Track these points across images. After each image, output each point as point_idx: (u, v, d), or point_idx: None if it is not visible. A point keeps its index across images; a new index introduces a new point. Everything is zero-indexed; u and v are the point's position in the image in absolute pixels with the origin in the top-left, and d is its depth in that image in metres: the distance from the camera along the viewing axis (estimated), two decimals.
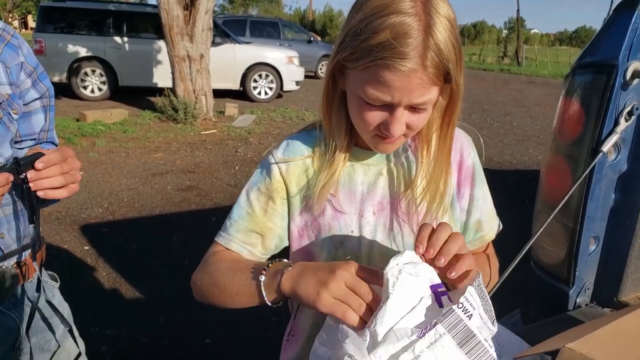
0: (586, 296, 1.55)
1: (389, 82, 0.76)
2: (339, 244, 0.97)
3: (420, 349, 0.67)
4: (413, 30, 0.74)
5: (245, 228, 0.99)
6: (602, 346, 0.70)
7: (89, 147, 6.76)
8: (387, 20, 0.74)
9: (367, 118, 0.84)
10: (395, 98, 0.79)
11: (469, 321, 0.68)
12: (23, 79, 1.18)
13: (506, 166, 6.73)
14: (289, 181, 0.97)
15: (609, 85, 1.36)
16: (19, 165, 0.99)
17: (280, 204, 0.98)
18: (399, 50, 0.73)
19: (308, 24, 44.66)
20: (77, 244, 3.97)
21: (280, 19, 17.84)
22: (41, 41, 10.10)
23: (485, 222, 1.05)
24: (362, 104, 0.83)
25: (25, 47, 1.20)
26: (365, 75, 0.79)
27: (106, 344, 2.70)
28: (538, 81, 18.96)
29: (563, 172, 1.52)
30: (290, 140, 1.00)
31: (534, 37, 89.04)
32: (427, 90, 0.78)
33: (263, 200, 0.98)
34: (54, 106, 1.32)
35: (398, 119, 0.82)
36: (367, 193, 0.97)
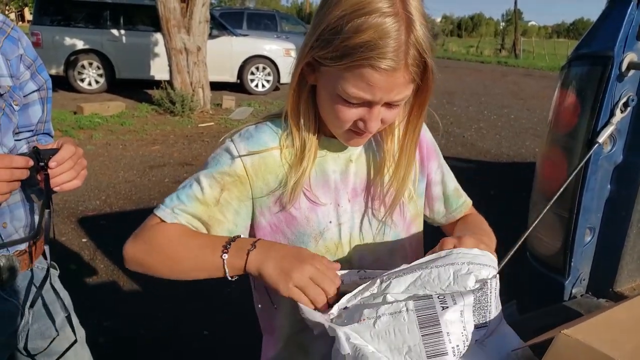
0: (582, 287, 1.56)
1: (373, 81, 0.77)
2: (318, 236, 0.96)
3: (383, 311, 0.72)
4: (395, 30, 0.75)
5: (191, 212, 0.91)
6: (597, 333, 0.71)
7: (86, 140, 6.75)
8: (368, 20, 0.74)
9: (344, 115, 0.84)
10: (377, 97, 0.80)
11: (440, 311, 0.71)
12: (22, 71, 1.20)
13: (503, 158, 6.74)
14: (255, 176, 0.93)
15: (605, 77, 1.37)
16: (38, 154, 1.01)
17: (236, 199, 0.93)
18: (383, 51, 0.74)
19: (305, 16, 44.50)
20: (75, 236, 3.97)
21: (278, 12, 17.76)
22: (38, 34, 10.04)
23: (460, 189, 1.10)
24: (339, 101, 0.83)
25: (24, 40, 1.21)
26: (347, 74, 0.79)
27: (104, 336, 2.71)
28: (535, 74, 18.95)
29: (559, 163, 1.53)
30: (253, 130, 0.95)
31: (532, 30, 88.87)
32: (405, 88, 0.81)
33: (217, 189, 0.92)
34: (52, 98, 1.33)
35: (376, 116, 0.84)
36: (340, 181, 0.98)
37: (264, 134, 0.95)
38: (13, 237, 1.16)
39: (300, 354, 1.05)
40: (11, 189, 0.98)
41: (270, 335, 1.11)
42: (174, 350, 2.68)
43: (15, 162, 0.96)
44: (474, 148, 7.14)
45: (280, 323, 1.06)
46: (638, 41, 1.37)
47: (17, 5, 29.53)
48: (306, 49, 0.84)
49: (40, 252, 1.27)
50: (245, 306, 3.00)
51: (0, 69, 1.12)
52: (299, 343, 1.04)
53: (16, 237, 1.17)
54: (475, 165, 6.19)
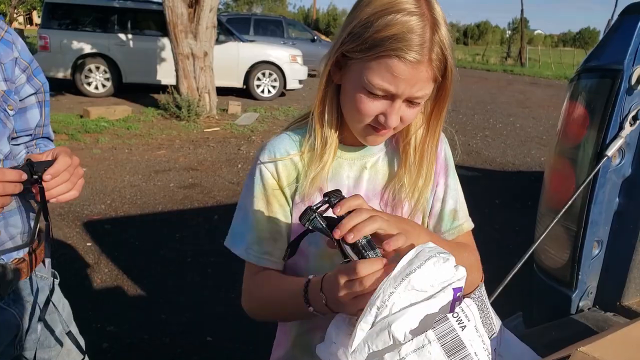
0: (589, 300, 1.55)
1: (397, 72, 0.82)
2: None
3: (406, 351, 0.67)
4: (420, 28, 0.81)
5: (256, 241, 1.00)
6: (614, 350, 0.70)
7: (92, 144, 6.77)
8: (397, 17, 0.81)
9: (367, 108, 0.88)
10: (400, 89, 0.84)
11: (461, 332, 0.68)
12: (18, 75, 1.17)
13: (509, 167, 6.72)
14: (281, 180, 0.99)
15: (614, 90, 1.36)
16: (32, 167, 0.99)
17: (278, 206, 1.00)
18: (409, 43, 0.80)
19: (312, 22, 44.65)
20: (80, 240, 3.98)
21: (284, 18, 17.83)
22: (46, 37, 10.13)
23: (460, 212, 1.07)
24: (363, 93, 0.87)
25: (19, 43, 1.18)
26: (374, 65, 0.84)
27: (107, 341, 2.71)
28: (541, 82, 18.92)
29: (567, 175, 1.52)
30: (274, 141, 1.02)
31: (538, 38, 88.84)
32: (426, 84, 0.85)
33: (263, 206, 1.00)
34: (49, 101, 1.31)
35: (397, 110, 0.87)
36: (352, 186, 1.01)
37: (283, 143, 1.01)
38: (6, 245, 1.13)
39: (306, 355, 1.06)
40: (3, 203, 0.95)
41: (283, 334, 1.13)
42: (177, 356, 2.67)
43: (7, 176, 0.93)
44: (480, 156, 7.13)
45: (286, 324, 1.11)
46: None
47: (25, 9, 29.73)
48: (337, 45, 0.89)
49: (40, 260, 1.23)
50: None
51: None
52: (306, 344, 1.05)
53: (10, 245, 1.14)
54: (480, 174, 6.17)
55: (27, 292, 1.21)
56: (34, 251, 1.20)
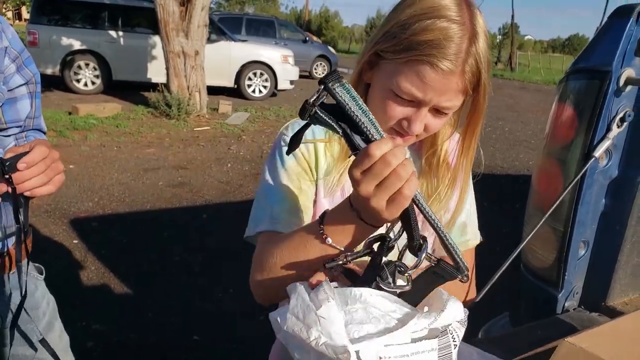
0: (574, 300, 1.56)
1: (427, 79, 0.79)
2: None
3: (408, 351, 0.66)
4: (459, 37, 0.79)
5: (287, 210, 0.94)
6: (602, 342, 0.71)
7: (80, 141, 6.71)
8: (437, 22, 0.79)
9: (392, 110, 0.85)
10: (427, 96, 0.81)
11: (453, 350, 0.68)
12: (7, 64, 1.14)
13: (497, 170, 6.77)
14: (311, 162, 0.97)
15: (602, 91, 1.37)
16: (4, 166, 0.95)
17: (306, 184, 0.97)
18: (444, 51, 0.78)
19: (304, 23, 44.65)
20: (67, 237, 3.94)
21: (277, 18, 17.84)
22: (35, 33, 10.00)
23: (469, 227, 1.05)
24: (390, 96, 0.84)
25: (9, 31, 1.15)
26: (405, 68, 0.81)
27: (93, 339, 2.68)
28: (530, 87, 19.10)
29: (554, 176, 1.53)
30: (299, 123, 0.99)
31: (528, 44, 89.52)
32: (456, 96, 0.82)
33: (295, 179, 0.96)
34: (40, 93, 1.28)
35: (421, 118, 0.84)
36: None
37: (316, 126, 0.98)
38: None
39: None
40: None
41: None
42: (164, 356, 2.66)
43: None
44: None
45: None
46: (636, 57, 1.38)
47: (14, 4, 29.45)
48: (371, 44, 0.87)
49: (24, 256, 1.19)
50: (236, 312, 2.99)
51: None
52: None
53: None
54: None
55: (6, 288, 1.20)
56: (17, 245, 1.16)
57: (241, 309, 3.01)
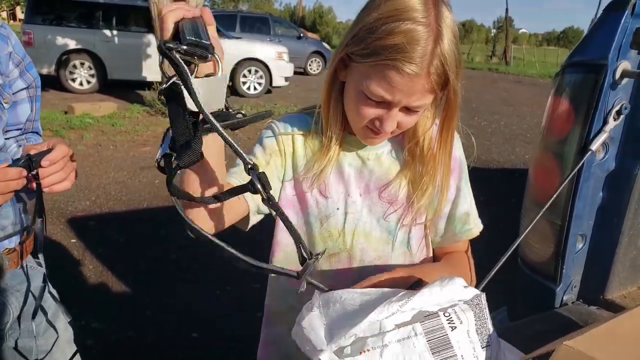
0: (573, 294, 1.56)
1: (394, 82, 0.82)
2: (324, 219, 1.01)
3: (390, 339, 0.66)
4: (424, 39, 0.79)
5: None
6: (599, 344, 0.71)
7: (76, 140, 6.69)
8: (402, 25, 0.79)
9: (364, 112, 0.88)
10: (396, 98, 0.84)
11: (450, 332, 0.67)
12: (11, 69, 1.20)
13: (493, 164, 6.77)
14: (286, 153, 1.01)
15: (598, 85, 1.37)
16: (32, 162, 1.01)
17: (279, 164, 1.01)
18: (409, 55, 0.79)
19: (298, 20, 44.56)
20: (64, 236, 3.93)
21: (271, 15, 17.78)
22: (30, 32, 9.95)
23: (472, 216, 1.07)
24: (361, 97, 0.87)
25: (13, 37, 1.21)
26: (372, 72, 0.84)
27: (92, 338, 2.68)
28: (525, 81, 19.10)
29: (551, 170, 1.53)
30: (287, 117, 1.06)
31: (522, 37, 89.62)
32: (424, 96, 0.85)
33: (268, 153, 1.00)
34: (40, 96, 1.33)
35: (392, 117, 0.87)
36: (353, 175, 1.01)
37: (295, 121, 1.04)
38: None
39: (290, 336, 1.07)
40: (5, 200, 0.98)
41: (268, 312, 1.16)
42: (161, 353, 2.65)
43: (10, 175, 0.96)
44: (464, 153, 7.17)
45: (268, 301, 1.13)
46: (632, 49, 1.38)
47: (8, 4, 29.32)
48: (342, 45, 0.89)
49: (30, 251, 1.25)
50: (234, 309, 2.99)
51: None
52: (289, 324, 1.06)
53: (0, 234, 1.15)
54: None
55: (17, 281, 1.22)
56: (24, 242, 1.22)
57: (239, 307, 3.00)
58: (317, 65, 16.62)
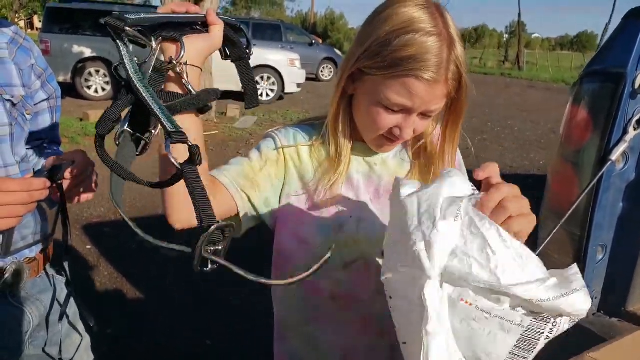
0: (594, 305, 1.54)
1: (415, 90, 0.85)
2: (337, 228, 1.00)
3: (495, 312, 0.63)
4: (438, 47, 0.83)
5: (239, 171, 1.00)
6: (624, 356, 0.70)
7: (92, 147, 6.55)
8: (415, 37, 0.83)
9: (382, 121, 0.91)
10: (416, 105, 0.87)
11: (542, 339, 0.64)
12: (34, 81, 1.22)
13: (507, 170, 6.73)
14: (289, 164, 1.02)
15: (618, 94, 1.36)
16: (55, 173, 1.03)
17: (274, 175, 1.02)
18: (428, 64, 0.83)
19: (310, 26, 44.72)
20: (79, 243, 3.97)
21: (283, 22, 17.86)
22: (47, 41, 10.12)
23: None
24: (380, 108, 0.90)
25: (35, 50, 1.23)
26: (392, 82, 0.86)
27: (107, 344, 2.69)
28: (539, 86, 18.97)
29: (570, 179, 1.52)
30: (290, 129, 1.06)
31: (535, 42, 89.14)
32: (441, 100, 0.89)
33: (263, 160, 1.02)
34: (60, 107, 1.35)
35: (411, 124, 0.91)
36: (362, 181, 1.02)
37: (298, 133, 1.05)
38: (18, 245, 1.16)
39: (309, 347, 1.07)
40: (28, 210, 0.99)
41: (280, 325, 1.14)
42: (176, 359, 2.67)
43: (34, 185, 0.97)
44: (478, 160, 7.11)
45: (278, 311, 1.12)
46: None
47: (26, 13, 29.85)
48: (353, 60, 0.91)
49: (50, 260, 1.28)
50: (250, 317, 3.00)
51: (14, 79, 1.14)
52: (307, 335, 1.07)
53: (21, 244, 1.17)
54: None
55: (37, 290, 1.24)
56: (44, 251, 1.24)
57: (256, 315, 3.01)
58: (329, 72, 16.65)
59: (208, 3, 8.35)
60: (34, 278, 1.23)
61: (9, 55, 1.14)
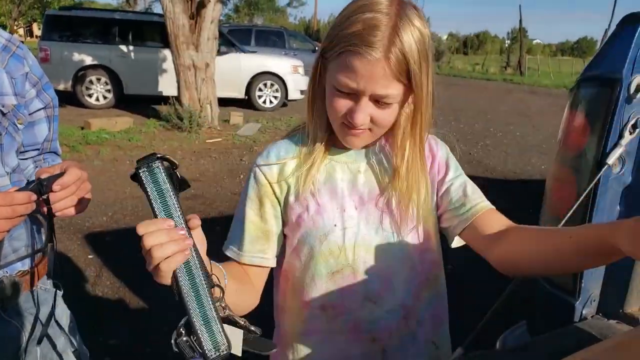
0: (592, 308, 1.54)
1: (355, 68, 0.84)
2: (323, 238, 1.00)
3: None
4: (382, 25, 0.83)
5: (250, 239, 1.02)
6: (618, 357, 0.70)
7: (93, 156, 6.79)
8: (363, 15, 0.84)
9: (336, 105, 0.90)
10: (360, 85, 0.86)
11: None
12: (28, 89, 1.19)
13: (509, 176, 6.73)
14: (274, 183, 1.02)
15: (613, 99, 1.37)
16: (42, 186, 0.99)
17: (270, 206, 1.02)
18: (367, 39, 0.82)
19: (313, 33, 44.85)
20: (81, 252, 3.97)
21: (286, 29, 17.92)
22: (46, 49, 10.17)
23: (470, 193, 1.04)
24: (333, 91, 0.90)
25: (30, 58, 1.21)
26: (338, 62, 0.87)
27: (110, 354, 2.70)
28: (540, 91, 18.98)
29: (568, 183, 1.53)
30: (271, 147, 1.06)
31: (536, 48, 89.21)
32: (389, 83, 0.85)
33: (255, 207, 1.03)
34: (58, 116, 1.32)
35: (362, 108, 0.88)
36: (346, 189, 1.02)
37: (279, 148, 1.05)
38: (8, 259, 1.13)
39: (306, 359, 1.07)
40: (13, 224, 0.95)
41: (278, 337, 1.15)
42: None
43: (16, 200, 0.93)
44: (480, 165, 7.13)
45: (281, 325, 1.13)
46: None
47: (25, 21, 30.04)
48: (321, 47, 0.93)
49: (44, 274, 1.24)
50: (252, 324, 2.99)
51: (5, 88, 1.11)
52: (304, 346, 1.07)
53: (13, 257, 1.14)
54: (481, 183, 6.12)
55: (30, 304, 1.21)
56: (37, 264, 1.20)
57: (260, 324, 3.00)
58: None
59: (210, 10, 8.41)
60: (28, 291, 1.20)
61: (0, 64, 1.11)
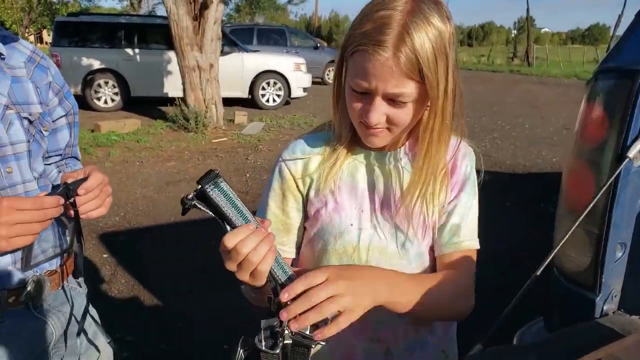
0: (613, 304, 1.53)
1: (366, 67, 0.83)
2: (338, 236, 1.01)
3: None
4: (393, 23, 0.81)
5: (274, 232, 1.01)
6: None
7: (103, 157, 6.83)
8: (376, 14, 0.82)
9: (353, 105, 0.90)
10: (372, 84, 0.84)
11: None
12: (51, 98, 1.24)
13: (519, 169, 6.68)
14: (298, 178, 1.02)
15: (634, 90, 1.35)
16: (69, 190, 1.06)
17: (293, 200, 1.03)
18: (376, 38, 0.81)
19: (314, 30, 44.76)
20: (96, 252, 4.01)
21: (287, 27, 17.92)
22: (57, 55, 10.27)
23: (464, 230, 1.01)
24: (350, 92, 0.89)
25: (53, 68, 1.26)
26: (352, 62, 0.86)
27: (127, 351, 2.71)
28: (549, 81, 18.83)
29: (586, 177, 1.51)
30: (298, 141, 1.05)
31: (545, 37, 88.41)
32: (401, 82, 0.83)
33: (278, 200, 1.04)
34: (78, 122, 1.38)
35: (376, 108, 0.87)
36: (367, 190, 1.02)
37: (305, 143, 1.04)
38: (38, 259, 1.18)
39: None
40: (43, 227, 1.01)
41: None
42: None
43: (47, 204, 1.00)
44: (489, 159, 7.08)
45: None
46: None
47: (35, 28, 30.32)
48: (341, 46, 0.92)
49: (70, 272, 1.30)
50: None
51: (31, 97, 1.17)
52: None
53: (42, 258, 1.19)
54: (490, 177, 6.13)
55: (59, 302, 1.26)
56: (64, 263, 1.26)
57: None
58: None
59: (213, 11, 8.41)
60: (56, 290, 1.25)
61: (26, 74, 1.17)
